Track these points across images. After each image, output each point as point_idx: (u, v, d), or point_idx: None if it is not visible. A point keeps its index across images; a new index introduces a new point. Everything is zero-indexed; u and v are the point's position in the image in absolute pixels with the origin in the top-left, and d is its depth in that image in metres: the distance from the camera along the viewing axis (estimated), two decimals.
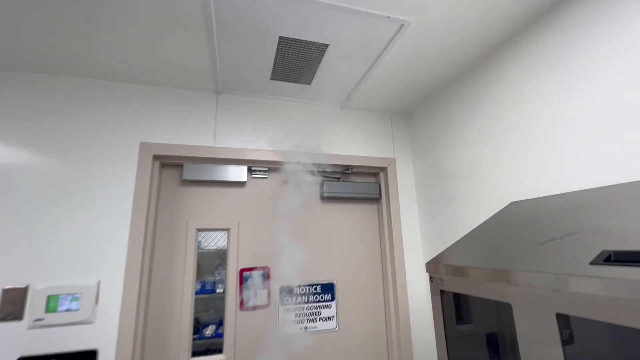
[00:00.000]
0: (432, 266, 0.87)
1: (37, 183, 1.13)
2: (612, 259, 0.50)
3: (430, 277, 0.89)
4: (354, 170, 1.58)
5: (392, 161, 1.60)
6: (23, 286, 1.06)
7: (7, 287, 1.04)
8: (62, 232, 1.12)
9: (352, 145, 1.56)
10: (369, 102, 1.53)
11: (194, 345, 1.27)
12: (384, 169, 1.60)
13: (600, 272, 0.49)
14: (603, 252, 0.53)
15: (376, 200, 1.63)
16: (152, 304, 1.24)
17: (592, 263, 0.51)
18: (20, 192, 1.11)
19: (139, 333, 1.15)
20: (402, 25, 0.99)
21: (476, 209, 1.21)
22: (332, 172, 1.55)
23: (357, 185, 1.56)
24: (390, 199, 1.55)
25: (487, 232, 0.91)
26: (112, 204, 1.18)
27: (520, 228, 0.82)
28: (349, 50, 1.12)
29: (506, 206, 1.03)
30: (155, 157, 1.29)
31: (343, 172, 1.57)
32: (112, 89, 1.27)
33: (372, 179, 1.65)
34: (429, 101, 1.50)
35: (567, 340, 0.53)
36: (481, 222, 1.10)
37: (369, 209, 1.62)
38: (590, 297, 0.48)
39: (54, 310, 1.07)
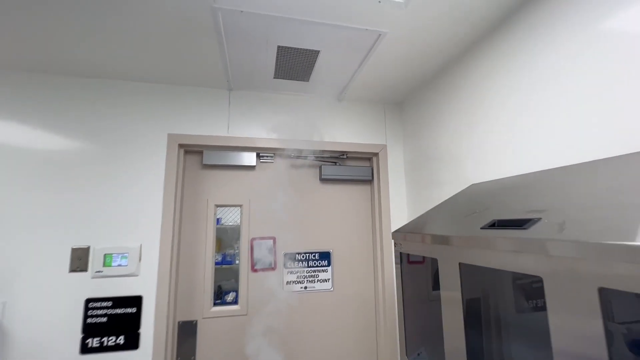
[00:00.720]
0: (395, 234, 1.11)
1: (90, 166, 1.43)
2: (496, 225, 0.72)
3: (395, 243, 1.12)
4: (349, 155, 1.80)
5: (384, 147, 1.80)
6: (86, 246, 1.39)
7: (74, 246, 1.37)
8: (111, 205, 1.43)
9: (348, 133, 1.77)
10: (363, 94, 1.72)
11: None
12: (376, 154, 1.81)
13: (483, 233, 0.71)
14: (493, 220, 0.74)
15: (369, 181, 1.85)
16: (181, 266, 1.55)
17: (482, 227, 0.73)
18: (78, 173, 1.42)
19: (172, 285, 1.47)
20: (379, 35, 1.18)
21: (450, 190, 1.41)
22: (329, 157, 1.78)
23: (351, 168, 1.79)
24: (381, 180, 1.77)
25: (441, 207, 1.13)
26: (148, 183, 1.48)
27: (464, 205, 1.03)
28: (338, 53, 1.32)
29: (466, 187, 1.24)
30: (180, 146, 1.56)
31: (339, 157, 1.79)
32: (144, 89, 1.54)
33: (365, 163, 1.86)
34: (418, 92, 1.67)
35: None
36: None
37: (363, 189, 1.85)
38: (478, 251, 0.71)
39: (109, 265, 1.40)
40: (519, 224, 0.64)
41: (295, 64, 1.39)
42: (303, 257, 1.70)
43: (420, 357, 1.05)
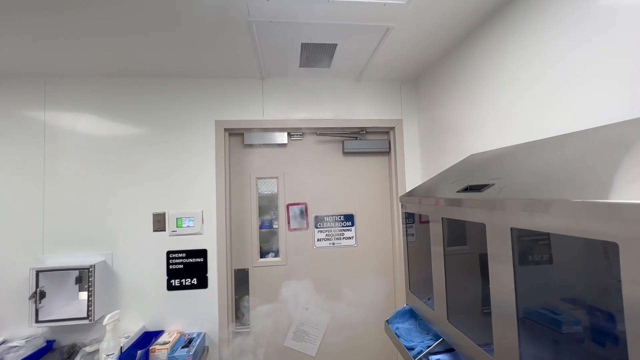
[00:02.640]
0: (402, 198, 1.37)
1: (158, 149, 1.81)
2: (468, 189, 0.96)
3: (402, 205, 1.39)
4: (368, 130, 2.03)
5: (400, 121, 2.01)
6: (162, 212, 1.80)
7: (154, 212, 1.80)
8: (177, 179, 1.81)
9: (367, 110, 1.99)
10: (379, 74, 1.90)
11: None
12: (392, 128, 2.02)
13: (457, 195, 0.95)
14: (467, 185, 0.98)
15: (387, 153, 2.08)
16: (233, 227, 1.94)
17: (458, 191, 0.98)
18: (149, 154, 1.80)
19: (227, 242, 1.87)
20: (387, 29, 1.36)
21: (456, 159, 1.62)
22: (350, 133, 2.02)
23: (371, 142, 2.02)
24: (397, 151, 1.99)
25: (441, 175, 1.36)
26: (203, 161, 1.84)
27: (457, 172, 1.25)
28: (353, 44, 1.52)
29: (466, 157, 1.44)
30: (225, 130, 1.88)
31: (359, 132, 2.03)
32: (194, 83, 1.85)
33: (383, 136, 2.08)
34: (431, 69, 1.82)
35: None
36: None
37: (381, 159, 2.09)
38: (452, 209, 0.96)
39: (181, 226, 1.81)
40: (479, 188, 0.88)
41: (316, 55, 1.61)
42: (330, 219, 2.03)
43: (430, 301, 1.35)
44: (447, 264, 1.02)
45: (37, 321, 1.56)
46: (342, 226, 2.03)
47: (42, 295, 1.59)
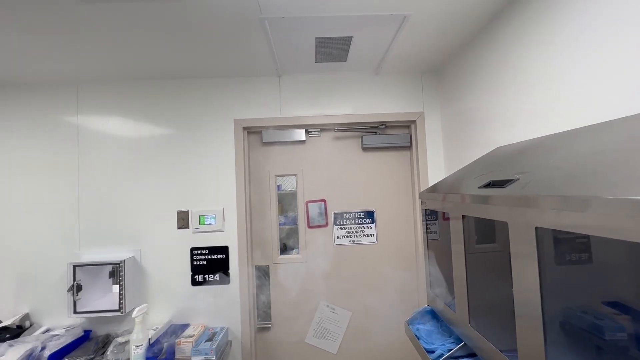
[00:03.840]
0: (421, 194, 1.31)
1: (180, 148, 1.86)
2: (490, 185, 0.89)
3: (421, 202, 1.33)
4: (387, 124, 1.97)
5: (421, 114, 1.93)
6: (186, 210, 1.86)
7: (178, 210, 1.86)
8: (198, 178, 1.86)
9: (386, 103, 1.93)
10: (399, 66, 1.84)
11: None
12: (414, 122, 1.94)
13: (478, 191, 0.89)
14: (490, 181, 0.91)
15: (408, 147, 2.01)
16: (254, 224, 1.96)
17: (479, 187, 0.91)
18: (172, 154, 1.86)
19: (248, 238, 1.90)
20: (404, 17, 1.30)
21: (481, 152, 1.53)
22: (369, 128, 1.97)
23: (391, 136, 1.96)
24: (419, 146, 1.92)
25: (464, 169, 1.28)
26: (223, 160, 1.87)
27: (481, 167, 1.18)
28: (369, 36, 1.47)
29: (492, 150, 1.35)
30: (244, 128, 1.91)
31: (379, 126, 1.97)
32: (212, 83, 1.89)
33: (404, 131, 2.01)
34: (454, 58, 1.72)
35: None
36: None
37: (402, 154, 2.02)
38: (474, 206, 0.90)
39: (203, 224, 1.86)
40: (502, 183, 0.82)
41: (332, 50, 1.58)
42: (350, 215, 2.00)
43: (451, 301, 1.29)
44: (469, 263, 0.97)
45: (75, 312, 1.67)
46: (363, 223, 1.99)
47: (79, 288, 1.70)
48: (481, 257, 0.98)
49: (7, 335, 1.62)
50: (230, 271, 1.85)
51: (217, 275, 1.85)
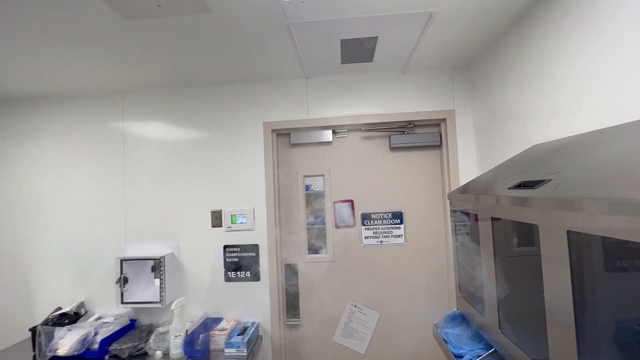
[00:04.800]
0: (450, 195, 1.28)
1: (214, 150, 1.97)
2: (521, 185, 0.85)
3: (450, 203, 1.30)
4: (416, 123, 1.93)
5: (452, 112, 1.87)
6: (219, 209, 1.96)
7: (212, 209, 1.96)
8: (230, 178, 1.95)
9: (415, 102, 1.89)
10: (428, 63, 1.79)
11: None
12: (444, 120, 1.89)
13: (507, 193, 0.86)
14: (521, 181, 0.87)
15: (438, 146, 1.95)
16: (283, 223, 2.02)
17: (509, 188, 0.88)
18: (206, 156, 1.97)
19: (277, 237, 1.95)
20: (431, 14, 1.28)
21: (516, 150, 1.45)
22: (397, 127, 1.94)
23: (420, 135, 1.92)
24: (449, 144, 1.86)
25: (496, 169, 1.23)
26: (253, 161, 1.95)
27: (515, 166, 1.12)
28: (395, 35, 1.45)
29: (527, 148, 1.28)
30: (273, 130, 1.97)
31: (407, 126, 1.94)
32: (242, 88, 1.97)
33: (434, 129, 1.96)
34: (486, 53, 1.65)
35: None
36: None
37: (432, 154, 1.97)
38: (503, 208, 0.87)
39: (235, 222, 1.95)
40: (533, 184, 0.78)
41: (357, 51, 1.58)
42: (378, 216, 1.98)
43: (481, 306, 1.25)
44: (499, 266, 0.93)
45: (122, 302, 1.83)
46: (391, 224, 1.97)
47: (126, 280, 1.85)
48: (512, 261, 0.94)
49: (66, 321, 1.81)
50: (260, 269, 1.92)
51: (248, 272, 1.93)
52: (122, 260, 1.86)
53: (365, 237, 1.98)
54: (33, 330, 1.70)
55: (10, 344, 1.90)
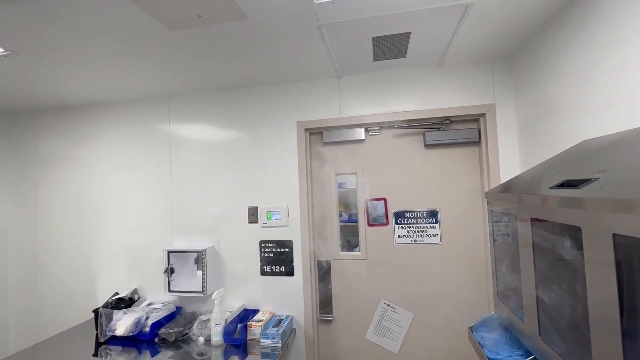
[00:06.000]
0: (487, 194, 1.22)
1: (250, 150, 2.05)
2: (565, 184, 0.80)
3: (487, 202, 1.24)
4: (452, 119, 1.86)
5: (492, 107, 1.77)
6: (255, 206, 2.05)
7: (249, 206, 2.06)
8: (265, 176, 2.03)
9: (451, 97, 1.82)
10: (465, 56, 1.72)
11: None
12: (483, 115, 1.80)
13: (548, 192, 0.81)
14: (564, 180, 0.82)
15: (476, 143, 1.87)
16: (316, 220, 2.06)
17: (551, 187, 0.83)
18: (243, 155, 2.06)
19: (310, 234, 2.00)
20: (467, 6, 1.23)
21: (565, 146, 1.35)
22: (432, 124, 1.89)
23: (456, 132, 1.85)
24: (489, 140, 1.77)
25: (540, 166, 1.15)
26: (287, 160, 2.00)
27: (560, 163, 1.05)
28: (429, 29, 1.41)
29: (576, 144, 1.19)
30: (306, 129, 2.01)
31: (442, 122, 1.88)
32: (277, 89, 2.03)
33: (472, 125, 1.88)
34: (530, 43, 1.55)
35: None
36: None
37: (469, 150, 1.89)
38: (543, 208, 0.82)
39: (270, 219, 2.02)
40: (578, 184, 0.73)
41: (390, 47, 1.57)
42: (412, 215, 1.95)
43: (520, 311, 1.19)
44: (539, 269, 0.88)
45: (169, 290, 1.98)
46: (425, 222, 1.93)
47: (172, 271, 2.01)
48: (553, 264, 0.88)
49: (122, 305, 2.01)
50: (294, 264, 1.98)
51: (283, 267, 2.00)
52: (169, 252, 2.02)
53: (399, 236, 1.96)
54: (96, 311, 1.92)
55: (77, 323, 2.16)
